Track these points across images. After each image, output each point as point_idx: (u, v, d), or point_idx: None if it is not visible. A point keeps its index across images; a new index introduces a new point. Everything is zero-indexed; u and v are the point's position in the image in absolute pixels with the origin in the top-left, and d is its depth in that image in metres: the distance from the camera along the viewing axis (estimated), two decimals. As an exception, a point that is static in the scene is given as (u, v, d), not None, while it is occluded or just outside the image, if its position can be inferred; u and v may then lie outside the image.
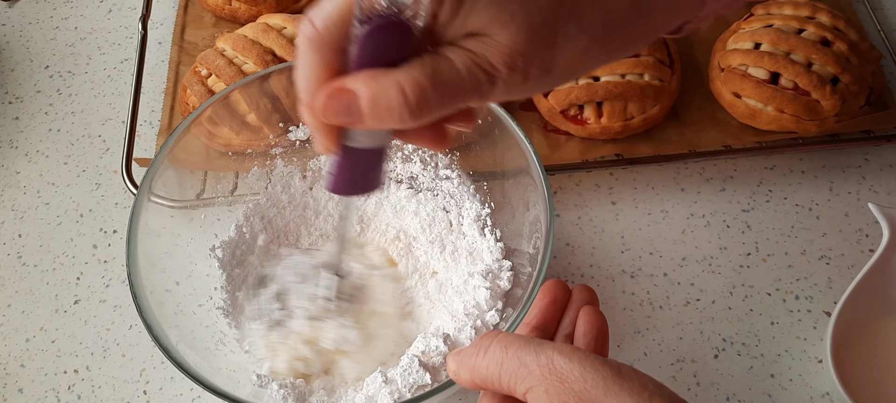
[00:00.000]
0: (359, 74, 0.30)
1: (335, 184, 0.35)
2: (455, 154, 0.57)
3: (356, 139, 0.33)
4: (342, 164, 0.35)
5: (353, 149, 0.34)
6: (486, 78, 0.29)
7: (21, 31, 0.79)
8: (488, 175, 0.57)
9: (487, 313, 0.50)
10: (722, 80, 0.66)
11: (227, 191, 0.59)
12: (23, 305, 0.61)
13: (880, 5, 0.77)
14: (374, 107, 0.29)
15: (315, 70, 0.30)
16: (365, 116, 0.30)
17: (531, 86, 0.31)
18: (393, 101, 0.29)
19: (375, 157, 0.35)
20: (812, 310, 0.59)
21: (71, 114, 0.73)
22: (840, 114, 0.63)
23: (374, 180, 0.36)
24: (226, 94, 0.54)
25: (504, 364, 0.34)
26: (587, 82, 0.64)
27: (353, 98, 0.29)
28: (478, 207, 0.56)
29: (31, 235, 0.65)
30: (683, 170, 0.67)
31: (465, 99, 0.30)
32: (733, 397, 0.55)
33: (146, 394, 0.57)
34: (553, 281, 0.46)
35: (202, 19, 0.76)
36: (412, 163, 0.58)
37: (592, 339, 0.42)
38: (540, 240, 0.47)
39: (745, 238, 0.63)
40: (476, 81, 0.29)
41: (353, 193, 0.38)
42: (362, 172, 0.36)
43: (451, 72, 0.29)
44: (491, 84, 0.30)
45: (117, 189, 0.67)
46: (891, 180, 0.66)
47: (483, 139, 0.55)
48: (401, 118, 0.29)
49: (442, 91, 0.29)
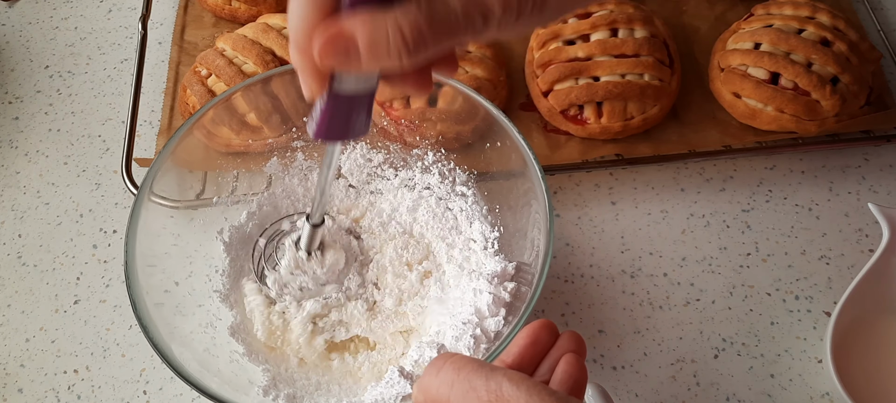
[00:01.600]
0: (355, 16, 0.29)
1: (321, 129, 0.35)
2: (473, 172, 0.57)
3: (346, 83, 0.33)
4: (329, 110, 0.34)
5: (341, 94, 0.33)
6: (481, 17, 0.30)
7: (21, 31, 0.79)
8: (488, 176, 0.57)
9: (487, 320, 0.50)
10: (722, 80, 0.66)
11: (228, 190, 0.59)
12: (23, 305, 0.61)
13: (880, 5, 0.77)
14: (371, 48, 0.29)
15: (308, 11, 0.30)
16: (362, 58, 0.30)
17: (524, 22, 0.31)
18: (391, 42, 0.29)
19: (363, 102, 0.35)
20: (812, 310, 0.59)
21: (71, 114, 0.73)
22: (840, 114, 0.63)
23: (361, 125, 0.36)
24: (228, 96, 0.54)
25: (455, 385, 0.34)
26: (587, 82, 0.64)
27: (351, 40, 0.29)
28: (488, 229, 0.56)
29: (31, 235, 0.65)
30: (683, 170, 0.67)
31: (461, 38, 0.30)
32: (733, 397, 0.55)
33: (146, 394, 0.57)
34: (541, 322, 0.43)
35: (202, 19, 0.76)
36: (431, 175, 0.58)
37: (567, 389, 0.38)
38: (539, 255, 0.47)
39: (745, 238, 0.63)
40: (471, 20, 0.30)
41: (339, 139, 0.37)
42: (349, 117, 0.35)
43: (447, 12, 0.29)
44: (485, 22, 0.30)
45: (117, 189, 0.67)
46: (891, 180, 0.66)
47: (481, 141, 0.55)
48: (398, 58, 0.29)
49: (438, 30, 0.29)
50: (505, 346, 0.43)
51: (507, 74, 0.69)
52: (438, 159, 0.58)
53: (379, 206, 0.59)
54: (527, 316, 0.44)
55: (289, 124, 0.58)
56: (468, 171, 0.57)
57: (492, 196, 0.57)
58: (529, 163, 0.49)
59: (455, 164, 0.58)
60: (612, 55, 0.64)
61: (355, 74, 0.33)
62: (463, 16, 0.29)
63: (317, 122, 0.35)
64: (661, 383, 0.56)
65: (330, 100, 0.33)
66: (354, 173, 0.59)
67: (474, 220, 0.56)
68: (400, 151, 0.59)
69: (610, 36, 0.65)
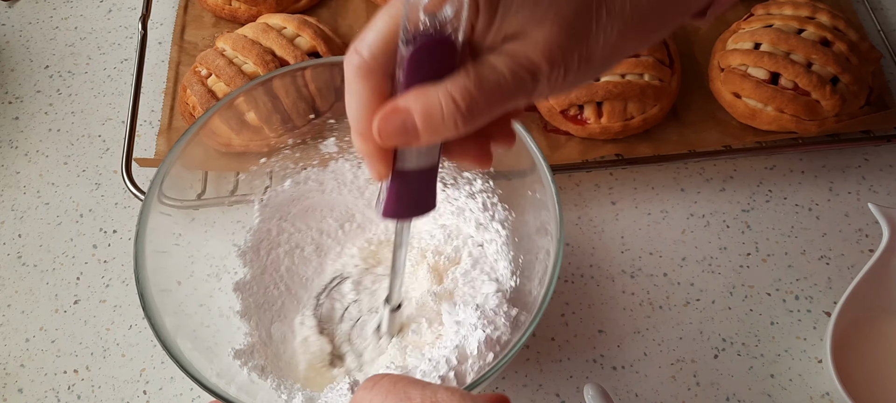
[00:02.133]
0: (408, 92, 0.31)
1: (390, 208, 0.36)
2: (512, 213, 0.54)
3: (408, 160, 0.34)
4: (395, 188, 0.35)
5: (406, 171, 0.35)
6: (530, 76, 0.31)
7: (21, 31, 0.79)
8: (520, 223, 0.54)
9: (467, 362, 0.49)
10: (722, 80, 0.66)
11: (228, 190, 0.59)
12: (23, 305, 0.61)
13: (880, 5, 0.77)
14: (427, 119, 0.31)
15: (366, 98, 0.32)
16: (420, 131, 0.31)
17: (574, 78, 0.32)
18: (445, 111, 0.30)
19: (427, 177, 0.36)
20: (812, 310, 0.59)
21: (71, 114, 0.73)
22: (840, 114, 0.63)
23: (428, 200, 0.37)
24: (232, 98, 0.53)
25: (389, 394, 0.34)
26: (587, 82, 0.64)
27: (408, 115, 0.31)
28: (508, 275, 0.54)
29: (30, 235, 0.65)
30: (683, 170, 0.67)
31: (513, 99, 0.31)
32: (733, 397, 0.55)
33: (146, 394, 0.57)
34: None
35: (202, 19, 0.76)
36: (474, 201, 0.56)
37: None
38: (545, 276, 0.46)
39: (745, 238, 0.63)
40: (520, 80, 0.31)
41: (408, 216, 0.38)
42: (416, 194, 0.36)
43: (496, 76, 0.30)
44: (534, 81, 0.31)
45: (117, 189, 0.67)
46: (891, 180, 0.66)
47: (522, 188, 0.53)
48: (455, 126, 0.31)
49: (489, 94, 0.31)
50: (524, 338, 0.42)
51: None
52: (486, 190, 0.56)
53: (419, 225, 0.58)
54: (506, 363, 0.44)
55: (290, 124, 0.58)
56: (508, 210, 0.55)
57: (523, 268, 0.54)
58: (555, 225, 0.47)
59: (499, 200, 0.55)
60: (612, 55, 0.64)
61: (416, 149, 0.34)
62: (512, 78, 0.31)
63: (384, 202, 0.36)
64: (661, 383, 0.56)
65: (395, 179, 0.35)
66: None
67: (500, 260, 0.54)
68: (453, 168, 0.57)
69: (610, 36, 0.65)
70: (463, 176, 0.56)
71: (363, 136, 0.33)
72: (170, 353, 0.43)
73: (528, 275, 0.51)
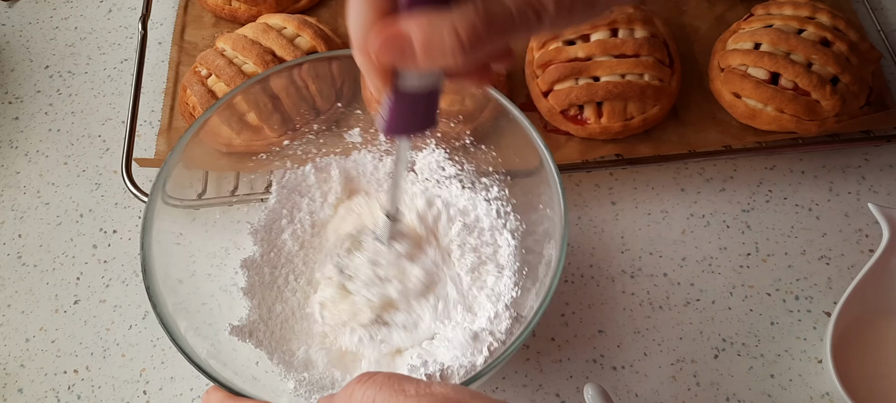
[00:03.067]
0: (412, 17, 0.31)
1: (388, 125, 0.36)
2: (523, 224, 0.55)
3: (409, 80, 0.34)
4: (395, 106, 0.35)
5: (405, 91, 0.35)
6: (535, 14, 0.31)
7: (21, 31, 0.79)
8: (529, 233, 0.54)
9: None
10: (722, 80, 0.66)
11: (228, 190, 0.59)
12: (23, 305, 0.61)
13: (880, 5, 0.77)
14: (427, 48, 0.30)
15: (366, 12, 0.31)
16: (418, 57, 0.31)
17: (577, 18, 0.32)
18: (446, 42, 0.30)
19: (428, 98, 0.36)
20: (812, 310, 0.59)
21: (71, 114, 0.73)
22: (840, 114, 0.63)
23: (428, 120, 0.37)
24: (231, 96, 0.54)
25: (383, 388, 0.34)
26: (587, 82, 0.64)
27: (407, 40, 0.31)
28: (511, 285, 0.53)
29: (31, 235, 0.65)
30: (683, 171, 0.67)
31: (515, 35, 0.31)
32: (733, 397, 0.55)
33: (146, 394, 0.57)
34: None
35: (202, 19, 0.76)
36: (491, 206, 0.56)
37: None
38: (547, 278, 0.46)
39: (745, 238, 0.63)
40: (525, 18, 0.31)
41: (406, 133, 0.38)
42: (415, 112, 0.36)
43: (503, 11, 0.30)
44: (538, 19, 0.31)
45: (117, 189, 0.67)
46: (891, 180, 0.66)
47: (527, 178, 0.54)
48: (454, 58, 0.31)
49: (493, 29, 0.30)
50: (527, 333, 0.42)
51: (507, 74, 0.69)
52: (501, 197, 0.56)
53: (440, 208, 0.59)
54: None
55: (290, 124, 0.58)
56: (520, 220, 0.55)
57: (529, 275, 0.54)
58: (560, 245, 0.47)
59: (513, 210, 0.55)
60: (611, 55, 0.64)
61: (417, 72, 0.34)
62: (518, 14, 0.31)
63: (384, 119, 0.36)
64: (661, 383, 0.56)
65: (394, 98, 0.35)
66: (424, 172, 0.58)
67: (505, 270, 0.54)
68: (472, 173, 0.57)
69: (610, 36, 0.65)
70: (481, 181, 0.57)
71: (361, 50, 0.33)
72: (174, 343, 0.43)
73: (530, 276, 0.51)
